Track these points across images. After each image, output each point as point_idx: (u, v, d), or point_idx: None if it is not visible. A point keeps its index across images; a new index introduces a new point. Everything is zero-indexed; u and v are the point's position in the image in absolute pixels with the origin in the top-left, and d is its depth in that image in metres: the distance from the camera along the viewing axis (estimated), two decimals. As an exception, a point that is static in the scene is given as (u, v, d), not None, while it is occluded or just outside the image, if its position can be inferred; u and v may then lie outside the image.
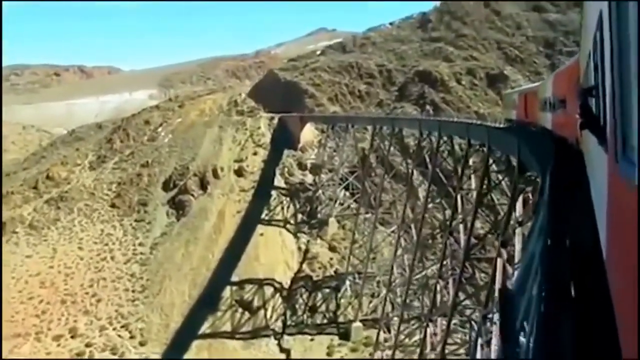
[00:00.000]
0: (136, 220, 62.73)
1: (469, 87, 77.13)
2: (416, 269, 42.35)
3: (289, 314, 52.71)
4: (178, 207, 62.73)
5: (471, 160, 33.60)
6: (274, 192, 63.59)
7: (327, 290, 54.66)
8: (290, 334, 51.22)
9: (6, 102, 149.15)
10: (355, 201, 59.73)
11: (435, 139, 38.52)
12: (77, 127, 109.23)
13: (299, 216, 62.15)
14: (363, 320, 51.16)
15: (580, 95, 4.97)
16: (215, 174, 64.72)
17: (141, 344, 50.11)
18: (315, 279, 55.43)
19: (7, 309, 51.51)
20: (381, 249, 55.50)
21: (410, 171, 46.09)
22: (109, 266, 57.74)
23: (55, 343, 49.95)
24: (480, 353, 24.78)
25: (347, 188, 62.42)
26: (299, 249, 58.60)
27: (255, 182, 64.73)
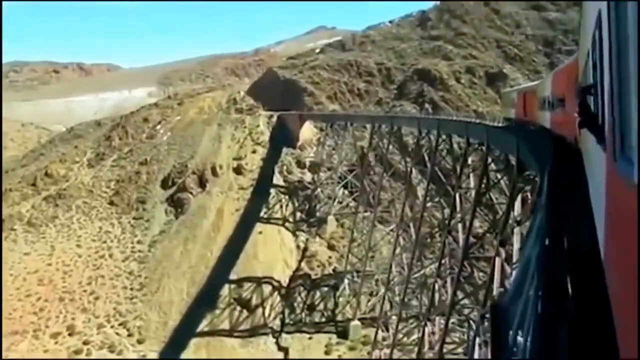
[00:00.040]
0: (135, 218, 62.69)
1: (468, 85, 77.09)
2: (415, 268, 42.32)
3: (287, 312, 52.71)
4: (177, 205, 62.68)
5: (470, 159, 33.53)
6: (273, 190, 63.57)
7: (326, 288, 54.66)
8: (289, 332, 51.23)
9: (5, 99, 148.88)
10: (354, 199, 59.68)
11: (434, 138, 38.46)
12: (76, 124, 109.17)
13: (298, 214, 62.11)
14: (361, 319, 51.15)
15: (579, 94, 4.95)
16: (214, 172, 64.66)
17: (139, 342, 50.11)
18: (314, 277, 55.42)
19: (5, 306, 51.45)
20: (380, 247, 55.48)
21: (409, 170, 46.01)
22: (107, 264, 57.71)
23: (53, 341, 49.94)
24: (478, 352, 24.73)
25: (346, 186, 62.38)
26: (298, 247, 58.58)
27: (254, 180, 64.69)
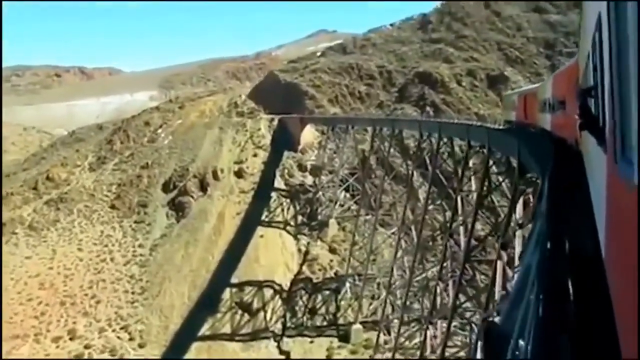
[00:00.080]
0: (136, 222, 62.65)
1: (469, 88, 77.02)
2: (416, 271, 42.20)
3: (288, 316, 52.57)
4: (178, 208, 62.63)
5: (471, 161, 33.47)
6: (274, 194, 63.49)
7: (327, 292, 54.51)
8: (290, 336, 51.07)
9: (7, 103, 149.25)
10: (355, 203, 59.58)
11: (436, 141, 38.40)
12: (78, 128, 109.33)
13: (299, 218, 62.01)
14: (363, 323, 51.00)
15: (580, 96, 4.94)
16: (215, 176, 64.61)
17: (140, 346, 50.00)
18: (315, 280, 55.28)
19: (6, 310, 51.41)
20: (381, 250, 55.36)
21: (410, 173, 45.95)
22: (108, 267, 57.64)
23: (54, 345, 49.85)
24: (480, 356, 24.59)
25: (347, 189, 62.29)
26: (299, 250, 58.47)
27: (255, 183, 64.63)
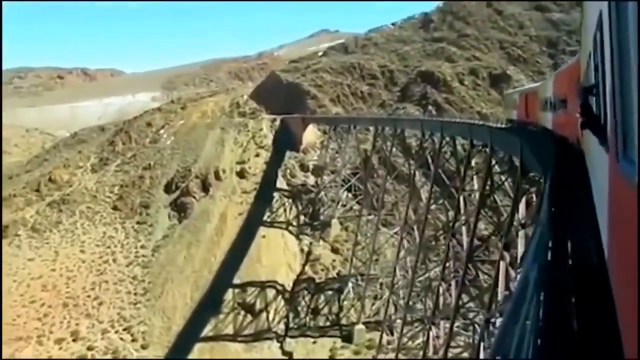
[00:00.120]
0: (138, 223, 62.62)
1: (471, 87, 76.82)
2: (419, 271, 42.06)
3: (291, 316, 52.46)
4: (180, 209, 62.58)
5: (474, 161, 33.31)
6: (276, 194, 63.40)
7: (330, 292, 54.39)
8: (293, 337, 50.95)
9: (10, 105, 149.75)
10: (357, 202, 59.44)
11: (438, 140, 38.24)
12: (80, 129, 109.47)
13: (301, 218, 61.90)
14: (366, 323, 50.86)
15: (581, 95, 4.88)
16: (217, 176, 64.55)
17: (143, 347, 49.94)
18: (318, 281, 55.17)
19: (9, 313, 51.45)
20: (384, 250, 55.20)
21: (412, 172, 45.81)
22: (110, 269, 57.62)
23: (57, 346, 49.84)
24: (483, 356, 24.44)
25: (349, 189, 62.14)
26: (302, 250, 58.35)
27: (257, 183, 64.54)
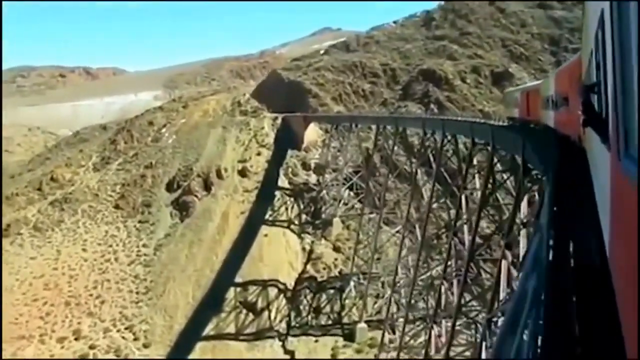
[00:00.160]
0: (140, 222, 62.67)
1: (473, 85, 76.61)
2: (421, 270, 41.96)
3: (293, 315, 52.45)
4: (182, 208, 62.59)
5: (476, 159, 33.20)
6: (278, 193, 63.37)
7: (332, 291, 54.35)
8: (295, 335, 50.94)
9: (12, 104, 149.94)
10: (359, 201, 59.36)
11: (440, 138, 38.12)
12: (82, 128, 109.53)
13: (303, 216, 61.87)
14: (368, 321, 50.79)
15: (583, 93, 4.85)
16: (219, 175, 64.54)
17: (145, 346, 49.99)
18: (320, 279, 55.14)
19: (11, 311, 51.55)
20: (386, 249, 55.12)
21: (414, 170, 45.70)
22: (112, 268, 57.68)
23: (59, 345, 49.92)
24: (485, 355, 24.37)
25: (351, 188, 62.08)
26: (303, 249, 58.32)
27: (259, 182, 64.51)
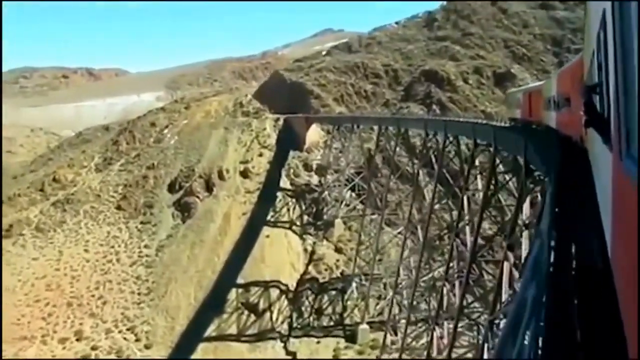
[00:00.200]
0: (142, 223, 62.69)
1: (476, 86, 76.49)
2: (423, 271, 41.85)
3: (295, 316, 52.38)
4: (184, 209, 62.59)
5: (478, 160, 33.11)
6: (280, 194, 63.34)
7: (334, 292, 54.27)
8: (297, 337, 50.86)
9: (15, 105, 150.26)
10: (361, 202, 59.28)
11: (442, 139, 38.04)
12: (84, 129, 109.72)
13: (305, 217, 61.81)
14: (370, 323, 50.69)
15: (585, 94, 4.81)
16: (220, 176, 64.54)
17: (147, 347, 49.97)
18: (322, 280, 55.06)
19: (13, 312, 51.58)
20: (388, 250, 55.02)
21: (416, 171, 45.61)
22: (114, 268, 57.70)
23: (60, 346, 49.92)
24: (487, 357, 24.26)
25: (353, 189, 62.02)
26: (305, 250, 58.26)
27: (260, 183, 64.50)
